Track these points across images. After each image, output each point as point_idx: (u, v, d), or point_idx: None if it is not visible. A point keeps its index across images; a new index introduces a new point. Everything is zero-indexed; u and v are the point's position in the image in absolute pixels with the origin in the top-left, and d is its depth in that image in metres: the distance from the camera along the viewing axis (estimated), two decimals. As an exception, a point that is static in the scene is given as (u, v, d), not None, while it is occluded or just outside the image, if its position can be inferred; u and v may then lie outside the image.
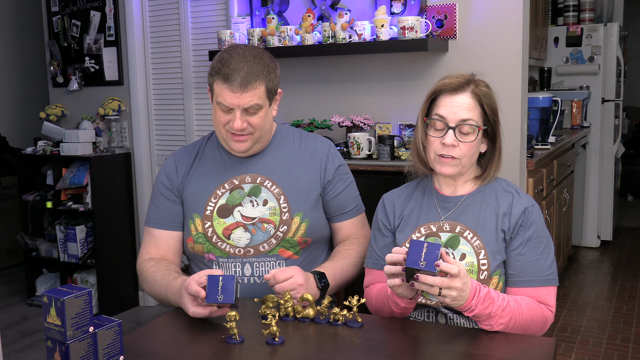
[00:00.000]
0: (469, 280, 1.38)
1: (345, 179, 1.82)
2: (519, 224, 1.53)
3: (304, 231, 1.73)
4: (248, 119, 1.65)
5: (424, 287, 1.34)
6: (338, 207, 1.80)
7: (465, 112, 1.51)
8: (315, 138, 1.85)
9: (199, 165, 1.80)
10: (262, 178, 1.74)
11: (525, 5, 2.72)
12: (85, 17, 3.92)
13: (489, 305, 1.40)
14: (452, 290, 1.33)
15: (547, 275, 1.52)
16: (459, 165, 1.53)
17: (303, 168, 1.77)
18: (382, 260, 1.63)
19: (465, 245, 1.53)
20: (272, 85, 1.67)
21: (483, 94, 1.54)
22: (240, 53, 1.64)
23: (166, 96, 3.77)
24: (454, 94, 1.52)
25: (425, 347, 1.39)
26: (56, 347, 1.19)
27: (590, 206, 4.94)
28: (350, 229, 1.84)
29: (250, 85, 1.61)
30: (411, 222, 1.62)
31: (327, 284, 1.64)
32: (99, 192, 3.71)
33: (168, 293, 1.61)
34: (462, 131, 1.51)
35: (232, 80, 1.60)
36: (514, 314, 1.43)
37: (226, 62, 1.62)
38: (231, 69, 1.60)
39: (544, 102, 3.70)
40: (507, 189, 1.60)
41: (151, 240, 1.80)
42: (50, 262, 4.07)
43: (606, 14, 5.15)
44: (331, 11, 2.99)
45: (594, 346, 3.19)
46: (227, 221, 1.72)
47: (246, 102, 1.62)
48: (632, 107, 7.44)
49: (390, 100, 3.00)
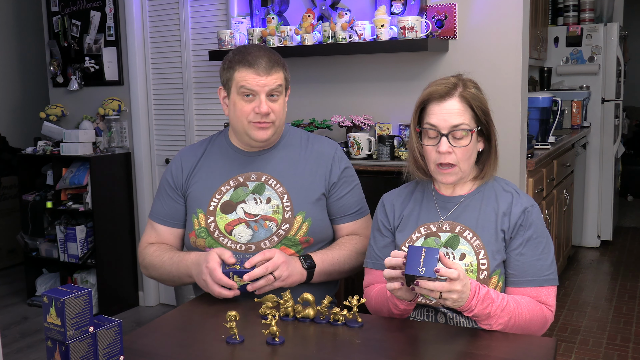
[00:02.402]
0: (469, 282, 1.38)
1: (350, 182, 1.84)
2: (519, 223, 1.53)
3: (306, 230, 1.74)
4: (270, 105, 1.71)
5: (424, 292, 1.35)
6: (342, 209, 1.82)
7: (456, 117, 1.51)
8: (322, 140, 1.88)
9: (205, 162, 1.83)
10: (267, 176, 1.76)
11: (525, 5, 2.72)
12: (85, 17, 3.92)
13: (489, 305, 1.40)
14: (453, 294, 1.34)
15: (547, 275, 1.52)
16: (459, 173, 1.54)
17: (308, 169, 1.79)
18: (381, 260, 1.63)
19: (465, 245, 1.53)
20: (287, 76, 1.77)
21: (471, 96, 1.53)
22: (255, 46, 1.76)
23: (166, 96, 3.77)
24: (443, 101, 1.52)
25: (425, 347, 1.39)
26: (56, 347, 1.19)
27: (590, 206, 4.94)
28: (354, 231, 1.85)
29: (274, 69, 1.70)
30: (411, 222, 1.62)
31: (313, 264, 1.69)
32: (99, 192, 3.71)
33: (180, 267, 1.71)
34: (456, 136, 1.51)
35: (258, 64, 1.68)
36: (514, 314, 1.44)
37: (246, 52, 1.71)
38: (254, 56, 1.69)
39: (544, 102, 3.70)
40: (506, 188, 1.60)
41: (152, 232, 1.87)
42: (50, 262, 4.07)
43: (606, 14, 5.15)
44: (331, 11, 2.99)
45: (594, 346, 3.19)
46: (230, 217, 1.74)
47: (271, 83, 1.70)
48: (632, 107, 7.44)
49: (390, 100, 3.00)
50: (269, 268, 1.59)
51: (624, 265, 4.53)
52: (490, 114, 1.57)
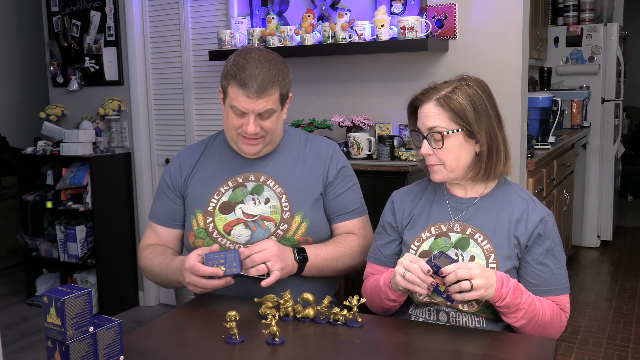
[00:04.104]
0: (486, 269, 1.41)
1: (347, 181, 1.83)
2: (537, 232, 1.52)
3: (305, 230, 1.74)
4: (261, 123, 1.68)
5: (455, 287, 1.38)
6: (338, 207, 1.81)
7: (432, 120, 1.53)
8: (321, 140, 1.87)
9: (204, 163, 1.83)
10: (265, 177, 1.76)
11: (525, 6, 2.72)
12: (85, 17, 3.92)
13: (519, 295, 1.44)
14: (476, 277, 1.37)
15: (565, 283, 1.55)
16: (444, 171, 1.55)
17: (307, 169, 1.79)
18: (382, 256, 1.67)
19: (475, 247, 1.53)
20: (285, 91, 1.70)
21: (447, 100, 1.51)
22: (256, 58, 1.66)
23: (166, 96, 3.77)
24: (422, 105, 1.56)
25: (425, 347, 1.39)
26: (56, 347, 1.19)
27: (590, 206, 4.94)
28: (351, 230, 1.83)
29: (266, 92, 1.63)
30: (421, 221, 1.62)
31: (305, 258, 1.68)
32: (99, 192, 3.71)
33: (168, 274, 1.71)
34: (434, 137, 1.53)
35: (249, 87, 1.62)
36: (538, 312, 1.47)
37: (242, 67, 1.64)
38: (248, 75, 1.62)
39: (544, 102, 3.70)
40: (521, 195, 1.59)
41: (152, 233, 1.87)
42: (50, 262, 4.07)
43: (606, 14, 5.15)
44: (331, 11, 2.99)
45: (594, 346, 3.19)
46: (229, 217, 1.74)
47: (261, 107, 1.65)
48: (632, 107, 7.44)
49: (390, 100, 3.00)
50: (257, 260, 1.58)
51: (624, 265, 4.53)
52: (472, 116, 1.51)
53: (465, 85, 1.54)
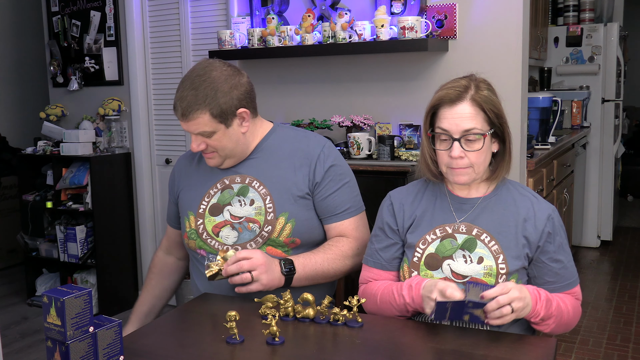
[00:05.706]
0: (522, 287, 1.41)
1: (337, 180, 1.77)
2: (547, 231, 1.52)
3: (290, 232, 1.72)
4: (206, 141, 1.69)
5: (496, 314, 1.36)
6: (327, 208, 1.76)
7: (468, 121, 1.47)
8: (309, 138, 1.82)
9: (198, 166, 1.87)
10: (250, 178, 1.77)
11: (525, 5, 2.72)
12: (85, 17, 3.92)
13: (550, 306, 1.46)
14: (516, 300, 1.36)
15: (576, 274, 1.57)
16: (472, 173, 1.51)
17: (291, 169, 1.76)
18: (382, 260, 1.63)
19: (483, 248, 1.51)
20: (220, 110, 1.64)
21: (483, 99, 1.49)
22: (191, 78, 1.65)
23: (166, 96, 3.77)
24: (454, 105, 1.48)
25: (425, 347, 1.39)
26: (56, 347, 1.19)
27: (590, 206, 4.94)
28: (342, 231, 1.78)
29: (190, 116, 1.64)
30: (424, 223, 1.58)
31: (292, 270, 1.64)
32: (99, 192, 3.71)
33: None
34: (468, 139, 1.47)
35: (177, 110, 1.66)
36: (563, 313, 1.50)
37: (178, 88, 1.67)
38: (177, 98, 1.66)
39: (544, 102, 3.70)
40: (523, 193, 1.58)
41: (165, 233, 2.02)
42: (50, 262, 4.07)
43: (606, 14, 5.15)
44: (331, 11, 2.99)
45: (594, 346, 3.19)
46: (217, 219, 1.76)
47: (192, 129, 1.67)
48: (632, 107, 7.44)
49: (390, 100, 3.00)
50: (243, 267, 1.56)
51: (624, 265, 4.53)
52: (503, 115, 1.52)
53: (485, 85, 1.53)
